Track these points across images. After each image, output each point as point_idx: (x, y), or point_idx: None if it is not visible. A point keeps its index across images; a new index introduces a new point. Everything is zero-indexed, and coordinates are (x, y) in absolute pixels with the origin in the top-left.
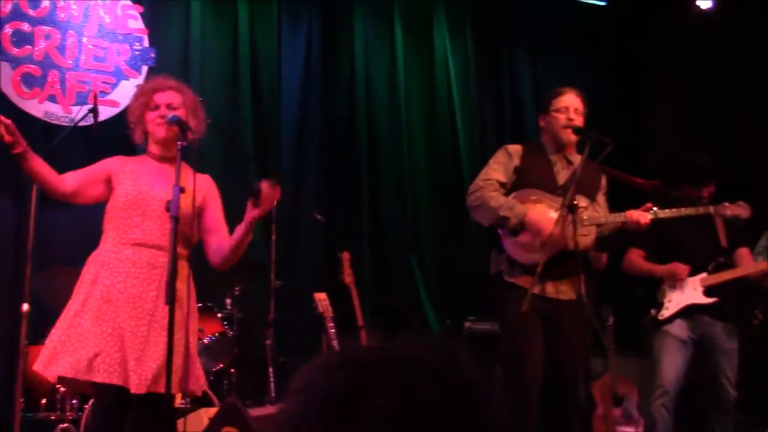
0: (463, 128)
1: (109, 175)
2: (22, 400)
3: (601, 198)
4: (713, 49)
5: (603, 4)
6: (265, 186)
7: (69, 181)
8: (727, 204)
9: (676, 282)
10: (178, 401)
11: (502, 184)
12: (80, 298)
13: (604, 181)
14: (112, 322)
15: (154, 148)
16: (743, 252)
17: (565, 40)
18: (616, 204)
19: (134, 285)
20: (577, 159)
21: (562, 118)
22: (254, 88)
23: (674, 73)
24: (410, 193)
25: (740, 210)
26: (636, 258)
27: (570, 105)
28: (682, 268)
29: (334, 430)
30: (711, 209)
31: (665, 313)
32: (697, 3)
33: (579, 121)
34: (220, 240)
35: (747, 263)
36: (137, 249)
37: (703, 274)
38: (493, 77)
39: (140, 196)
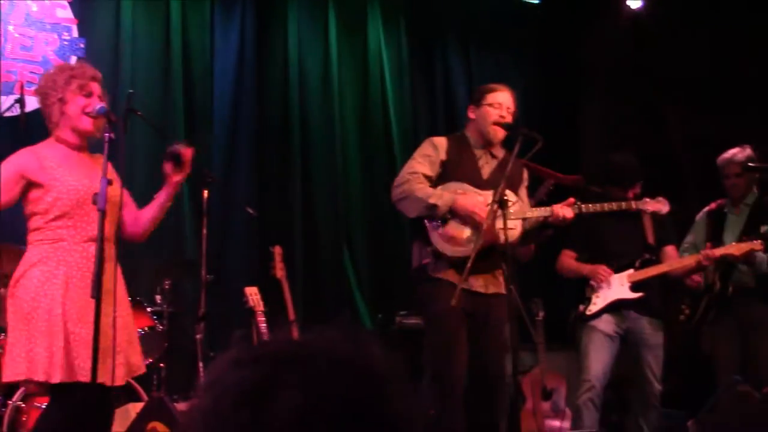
0: (396, 122)
1: (26, 177)
2: None
3: (522, 192)
4: (643, 49)
5: (536, 2)
6: (183, 149)
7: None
8: (647, 199)
9: (597, 282)
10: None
11: (427, 178)
12: (58, 301)
13: (525, 175)
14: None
15: (71, 136)
16: (669, 249)
17: (498, 36)
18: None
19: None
20: (500, 153)
21: (494, 113)
22: (186, 80)
23: (605, 72)
24: (343, 187)
25: (660, 205)
26: (567, 259)
27: (504, 102)
28: (604, 270)
29: (246, 425)
30: (633, 204)
31: (593, 309)
32: (628, 3)
33: (509, 120)
34: (134, 212)
35: (672, 260)
36: (92, 244)
37: (630, 270)
38: (427, 72)
39: (85, 189)
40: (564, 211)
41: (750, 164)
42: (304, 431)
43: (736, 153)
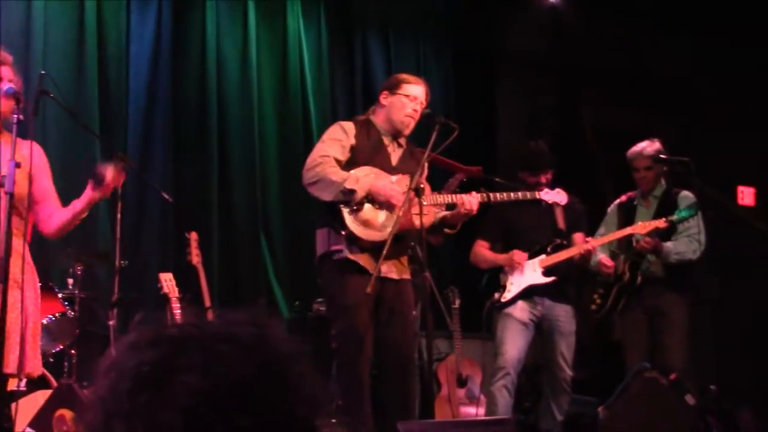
0: (315, 110)
1: None
2: None
3: (424, 182)
4: (560, 40)
5: None
6: (108, 171)
7: None
8: (547, 190)
9: (514, 267)
10: (13, 384)
11: (338, 162)
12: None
13: (426, 166)
14: None
15: None
16: (577, 236)
17: (418, 25)
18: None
19: None
20: (405, 142)
21: (407, 106)
22: (101, 63)
23: (522, 62)
24: (260, 173)
25: (558, 197)
26: (481, 250)
27: (418, 96)
28: (519, 255)
29: (144, 410)
30: (536, 194)
31: (507, 296)
32: None
33: (416, 117)
34: (50, 210)
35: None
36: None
37: (543, 256)
38: (346, 60)
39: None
40: (471, 199)
41: (661, 156)
42: (201, 415)
43: (645, 147)
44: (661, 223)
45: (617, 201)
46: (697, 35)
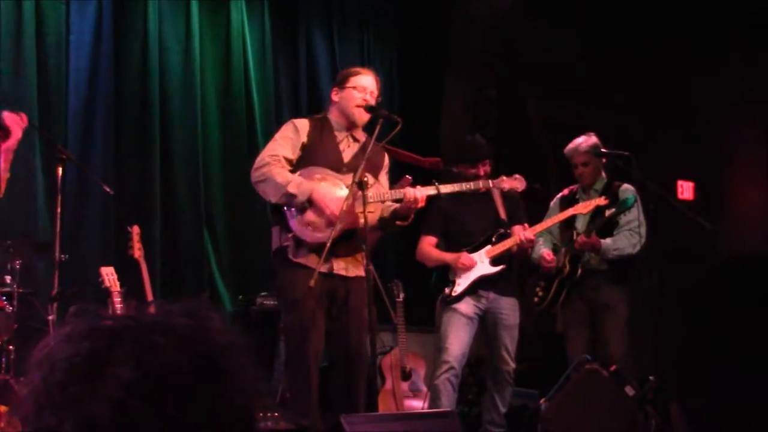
0: (258, 103)
1: None
2: None
3: (383, 177)
4: (507, 33)
5: None
6: (7, 115)
7: None
8: (504, 177)
9: (461, 271)
10: None
11: (288, 161)
12: None
13: (386, 160)
14: None
15: None
16: (517, 228)
17: (362, 18)
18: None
19: None
20: (362, 137)
21: (357, 96)
22: (39, 52)
23: (469, 55)
24: (203, 166)
25: (516, 183)
26: (428, 248)
27: (367, 86)
28: (466, 257)
29: (74, 402)
30: (490, 183)
31: (458, 290)
32: None
33: (371, 103)
34: None
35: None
36: None
37: (488, 246)
38: (290, 52)
39: None
40: (416, 192)
41: (601, 150)
42: (131, 407)
43: (581, 143)
44: (601, 200)
45: (559, 195)
46: (638, 31)
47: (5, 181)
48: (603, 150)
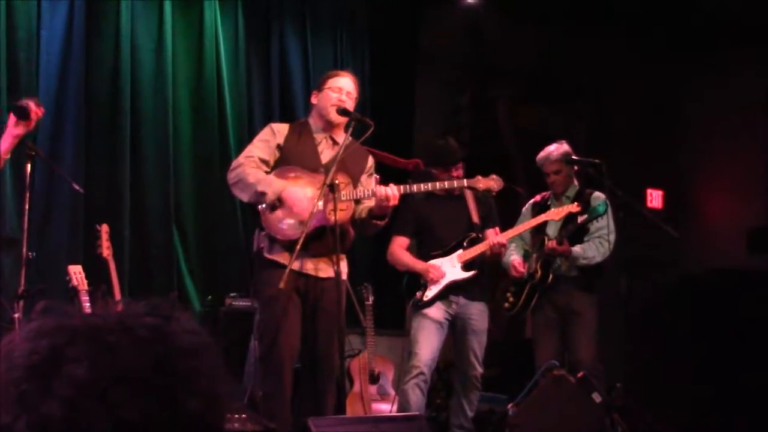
0: (230, 102)
1: None
2: None
3: (365, 179)
4: (478, 39)
5: None
6: (31, 103)
7: None
8: (480, 177)
9: (430, 282)
10: None
11: (264, 162)
12: None
13: (370, 162)
14: None
15: None
16: (490, 232)
17: (336, 20)
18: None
19: None
20: (341, 140)
21: (333, 97)
22: (9, 48)
23: (441, 60)
24: (174, 166)
25: (492, 183)
26: (398, 250)
27: (344, 87)
28: (435, 270)
29: (28, 400)
30: (465, 182)
31: (429, 294)
32: None
33: (349, 105)
34: None
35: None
36: None
37: (460, 251)
38: (263, 52)
39: None
40: (388, 190)
41: (572, 157)
42: (84, 406)
43: (552, 151)
44: (573, 207)
45: (531, 201)
46: (608, 39)
47: (3, 162)
48: (574, 157)
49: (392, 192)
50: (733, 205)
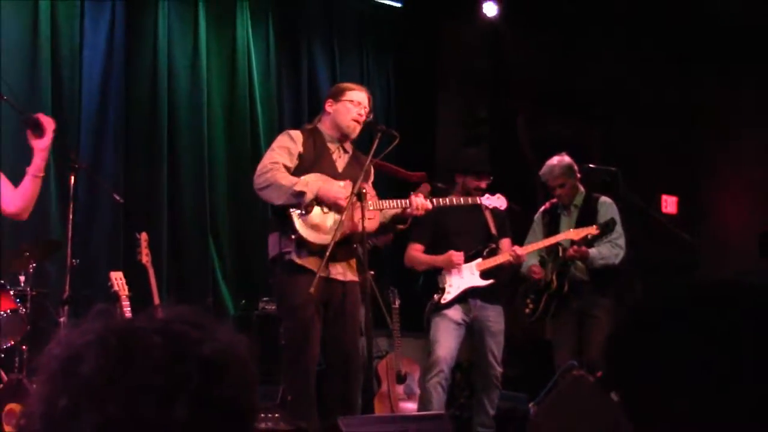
0: (262, 116)
1: None
2: None
3: (369, 186)
4: (497, 54)
5: (398, 5)
6: (41, 116)
7: None
8: (488, 195)
9: (452, 269)
10: None
11: (287, 168)
12: None
13: (372, 172)
14: None
15: None
16: (505, 242)
17: (362, 37)
18: (385, 193)
19: None
20: (350, 148)
21: (352, 110)
22: (54, 65)
23: (461, 74)
24: (209, 176)
25: (498, 202)
26: (416, 253)
27: (361, 101)
28: (457, 255)
29: (61, 388)
30: (478, 200)
31: (447, 297)
32: (484, 11)
33: (363, 118)
34: (8, 192)
35: (507, 251)
36: None
37: (479, 260)
38: (293, 68)
39: None
40: (421, 202)
41: (589, 166)
42: (81, 407)
43: (554, 165)
44: (593, 230)
45: (542, 209)
46: (621, 51)
47: (41, 179)
48: (591, 166)
49: (424, 203)
50: (745, 210)
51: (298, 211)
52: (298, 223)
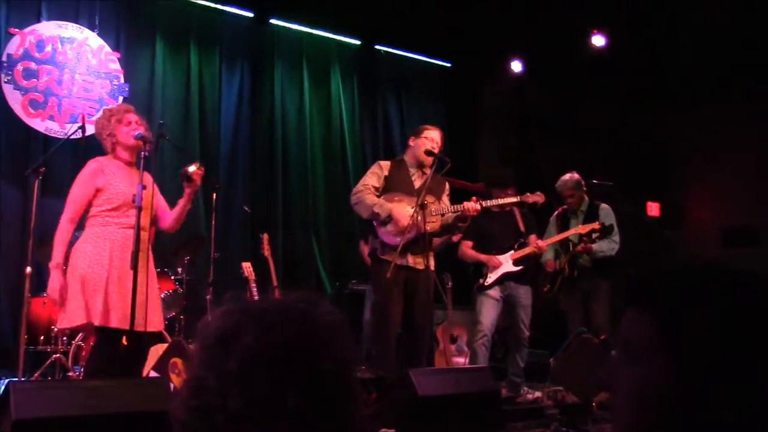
0: (350, 150)
1: (96, 185)
2: (26, 336)
3: (445, 198)
4: (522, 100)
5: (448, 65)
6: (192, 170)
7: None
8: (529, 193)
9: (492, 268)
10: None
11: (375, 188)
12: (105, 268)
13: (447, 187)
14: (122, 284)
15: (124, 154)
16: (532, 237)
17: (423, 89)
18: (457, 200)
19: (126, 256)
20: (429, 172)
21: (427, 144)
22: (201, 115)
23: (496, 115)
24: (312, 193)
25: (538, 197)
26: (466, 248)
27: (435, 138)
28: (496, 260)
29: (218, 358)
30: (519, 198)
31: (489, 280)
32: (512, 68)
33: (436, 150)
34: (164, 213)
35: (534, 244)
36: (130, 230)
37: (512, 252)
38: (371, 114)
39: (129, 192)
40: (473, 205)
41: (593, 181)
42: (251, 365)
43: (567, 180)
44: (596, 225)
45: (556, 212)
46: (613, 96)
47: (186, 210)
48: (594, 181)
49: (475, 206)
50: (710, 212)
51: (379, 222)
52: (380, 231)
